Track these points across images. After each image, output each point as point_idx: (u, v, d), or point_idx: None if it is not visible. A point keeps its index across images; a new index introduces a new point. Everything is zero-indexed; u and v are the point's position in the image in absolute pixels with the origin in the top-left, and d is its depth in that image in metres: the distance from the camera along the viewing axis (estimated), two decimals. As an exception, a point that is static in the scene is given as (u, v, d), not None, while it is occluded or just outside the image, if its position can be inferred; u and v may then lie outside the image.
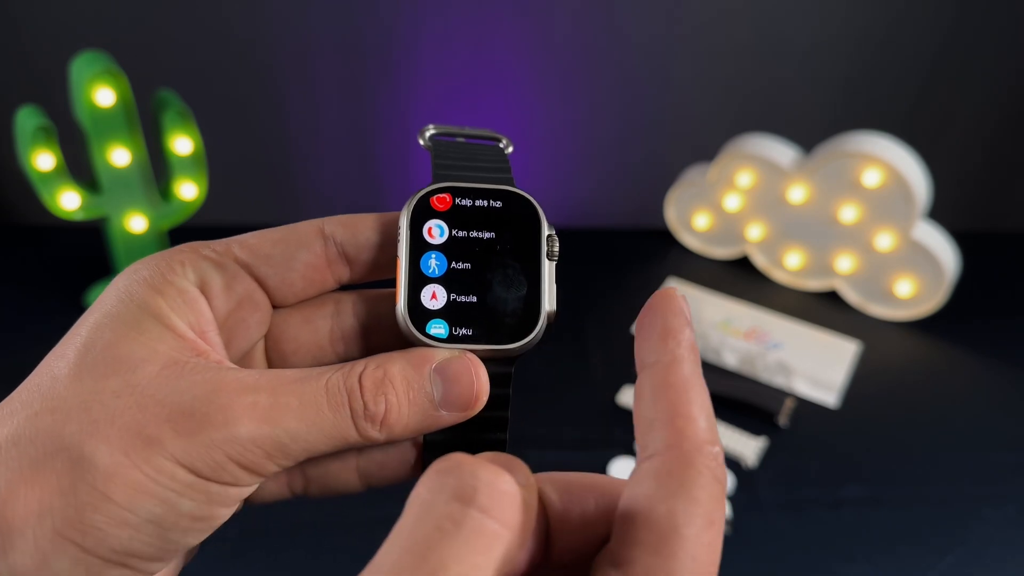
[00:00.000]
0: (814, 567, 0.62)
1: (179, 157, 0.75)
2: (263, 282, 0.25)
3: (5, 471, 0.20)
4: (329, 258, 0.25)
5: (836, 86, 0.94)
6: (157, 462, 0.20)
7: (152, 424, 0.20)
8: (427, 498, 0.17)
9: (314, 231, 0.25)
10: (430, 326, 0.23)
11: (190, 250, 0.24)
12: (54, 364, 0.22)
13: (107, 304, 0.23)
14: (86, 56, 0.71)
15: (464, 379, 0.22)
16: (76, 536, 0.20)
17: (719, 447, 0.20)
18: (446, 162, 0.26)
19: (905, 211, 0.82)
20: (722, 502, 0.19)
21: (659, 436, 0.19)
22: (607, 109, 0.96)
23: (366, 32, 0.88)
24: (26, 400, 0.21)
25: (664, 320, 0.21)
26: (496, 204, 0.25)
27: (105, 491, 0.20)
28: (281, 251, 0.25)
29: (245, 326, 0.25)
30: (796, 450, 0.71)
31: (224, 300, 0.24)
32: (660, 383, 0.20)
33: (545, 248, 0.25)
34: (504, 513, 0.17)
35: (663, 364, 0.20)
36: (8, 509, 0.19)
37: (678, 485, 0.18)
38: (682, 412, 0.19)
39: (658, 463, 0.19)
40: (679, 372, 0.20)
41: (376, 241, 0.25)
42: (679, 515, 0.18)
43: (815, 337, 0.84)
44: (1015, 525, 0.65)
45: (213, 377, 0.21)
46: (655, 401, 0.20)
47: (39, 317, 0.82)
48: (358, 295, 0.27)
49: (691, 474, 0.19)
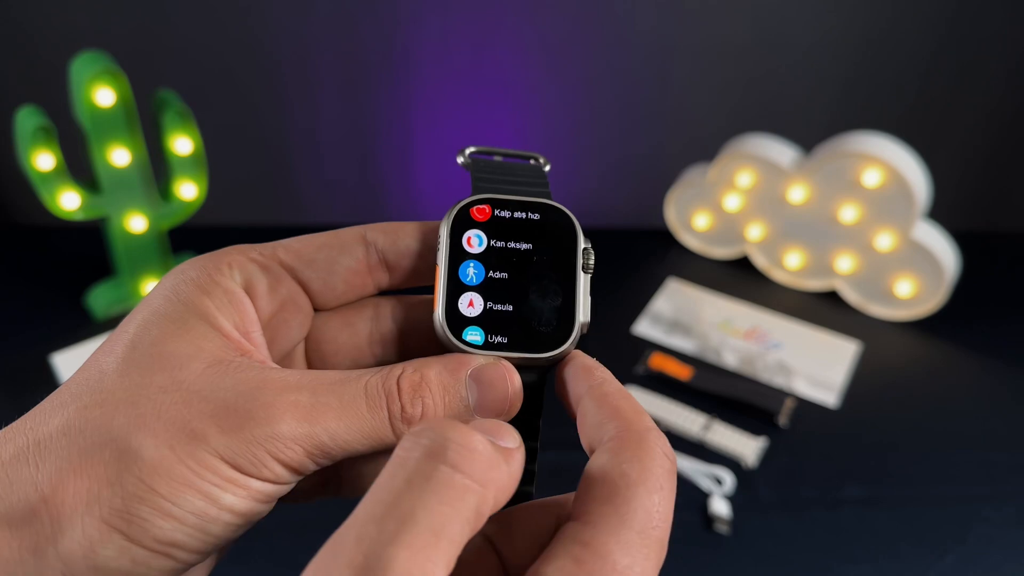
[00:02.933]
0: (814, 567, 0.62)
1: (179, 157, 0.75)
2: (306, 285, 0.26)
3: (56, 460, 0.20)
4: (370, 264, 0.26)
5: (836, 86, 0.94)
6: (201, 456, 0.21)
7: (197, 419, 0.21)
8: (402, 456, 0.18)
9: (357, 237, 0.26)
10: (467, 333, 0.24)
11: (237, 252, 0.25)
12: (103, 359, 0.22)
13: (154, 303, 0.23)
14: (86, 56, 0.71)
15: (499, 385, 0.23)
16: (122, 525, 0.20)
17: (655, 427, 0.22)
18: (485, 175, 0.27)
19: (905, 211, 0.82)
20: (672, 475, 0.21)
21: (609, 427, 0.21)
22: (607, 109, 0.96)
23: (366, 32, 0.88)
24: (76, 393, 0.22)
25: (582, 363, 0.24)
26: (534, 216, 0.25)
27: (151, 483, 0.20)
28: (324, 256, 0.26)
29: (287, 327, 0.26)
30: (796, 450, 0.71)
31: (268, 302, 0.25)
32: (598, 397, 0.22)
33: (581, 261, 0.25)
34: (474, 469, 0.18)
35: (596, 386, 0.23)
36: (58, 497, 0.20)
37: (631, 454, 0.20)
38: (625, 407, 0.22)
39: (613, 443, 0.21)
40: (612, 385, 0.23)
41: (416, 249, 0.26)
42: (632, 475, 0.20)
43: (815, 337, 0.84)
44: (1015, 525, 0.65)
45: (256, 376, 0.22)
46: (599, 411, 0.22)
47: (39, 317, 0.83)
48: (397, 300, 0.28)
49: (644, 447, 0.21)
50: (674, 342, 0.83)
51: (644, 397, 0.74)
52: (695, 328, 0.85)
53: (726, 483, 0.67)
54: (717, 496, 0.66)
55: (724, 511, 0.64)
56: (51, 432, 0.21)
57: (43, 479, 0.20)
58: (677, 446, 0.70)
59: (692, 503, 0.66)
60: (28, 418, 0.22)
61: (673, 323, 0.85)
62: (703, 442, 0.70)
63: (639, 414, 0.22)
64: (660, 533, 0.20)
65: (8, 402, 0.72)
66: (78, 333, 0.79)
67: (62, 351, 0.77)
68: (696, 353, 0.81)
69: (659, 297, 0.89)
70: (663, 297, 0.89)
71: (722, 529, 0.63)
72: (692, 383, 0.76)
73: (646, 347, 0.81)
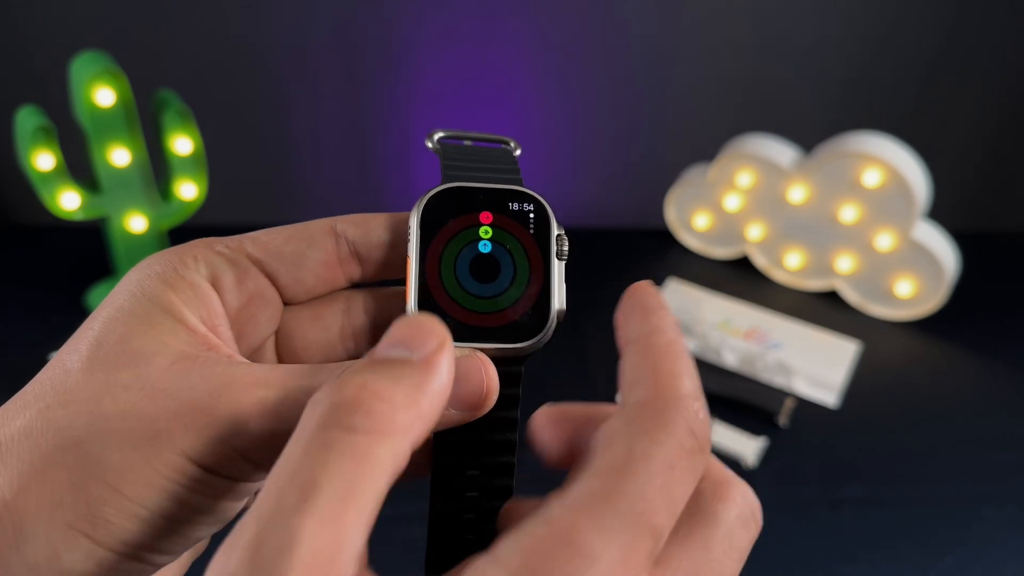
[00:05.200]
0: (814, 567, 0.62)
1: (179, 157, 0.75)
2: (275, 279, 0.25)
3: (17, 463, 0.20)
4: (341, 256, 0.26)
5: (836, 86, 0.94)
6: (167, 456, 0.20)
7: (162, 418, 0.20)
8: (300, 425, 0.18)
9: (326, 229, 0.25)
10: None
11: (203, 245, 0.24)
12: (66, 358, 0.22)
13: (119, 299, 0.23)
14: (86, 56, 0.71)
15: (474, 378, 0.22)
16: (87, 529, 0.20)
17: (700, 404, 0.19)
18: (455, 163, 0.26)
19: (905, 211, 0.82)
20: (695, 454, 0.19)
21: (640, 389, 0.19)
22: (607, 109, 0.96)
23: (366, 32, 0.88)
24: (39, 393, 0.21)
25: (643, 302, 0.22)
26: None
27: (115, 485, 0.20)
28: (293, 248, 0.25)
29: (256, 322, 0.25)
30: (796, 450, 0.71)
31: (235, 295, 0.24)
32: (643, 348, 0.20)
33: (555, 248, 0.25)
34: (377, 423, 0.17)
35: (646, 334, 0.21)
36: (20, 502, 0.19)
37: (647, 424, 0.18)
38: (664, 368, 0.19)
39: (633, 409, 0.19)
40: (662, 337, 0.20)
41: (387, 240, 0.26)
42: (636, 451, 0.18)
43: (815, 337, 0.84)
44: (1015, 525, 0.65)
45: (223, 372, 0.21)
46: (639, 366, 0.20)
47: (39, 317, 0.82)
48: (369, 293, 0.27)
49: (664, 419, 0.18)
50: (674, 342, 0.83)
51: (644, 397, 0.74)
52: (695, 328, 0.85)
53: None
54: (717, 496, 0.65)
55: (724, 511, 0.64)
56: (12, 434, 0.20)
57: (3, 484, 0.19)
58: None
59: (692, 503, 0.66)
60: None
61: (673, 323, 0.85)
62: (703, 442, 0.70)
63: (676, 377, 0.19)
64: (660, 520, 0.17)
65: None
66: (78, 333, 0.79)
67: (62, 351, 0.77)
68: (696, 353, 0.81)
69: (659, 297, 0.89)
70: (663, 297, 0.89)
71: (722, 529, 0.63)
72: (692, 383, 0.76)
73: (646, 347, 0.81)
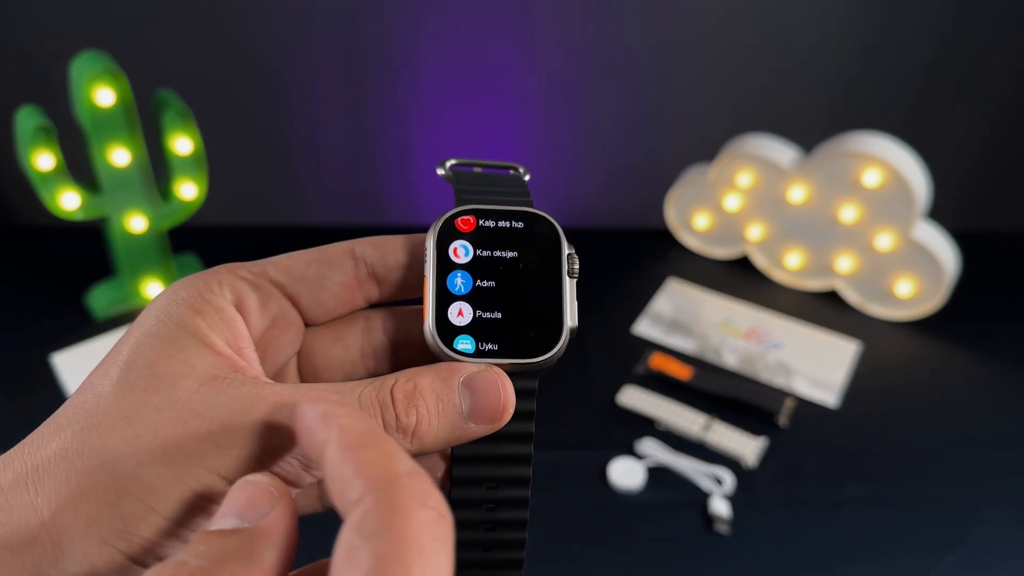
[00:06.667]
0: (814, 567, 0.62)
1: (179, 157, 0.75)
2: (296, 301, 0.26)
3: (54, 484, 0.21)
4: (360, 278, 0.26)
5: (836, 86, 0.94)
6: (198, 474, 0.21)
7: (193, 438, 0.21)
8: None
9: (345, 252, 0.26)
10: (457, 342, 0.24)
11: (227, 271, 0.25)
12: (97, 382, 0.23)
13: (147, 324, 0.23)
14: (86, 56, 0.71)
15: (491, 391, 0.23)
16: (123, 545, 0.21)
17: (411, 469, 0.18)
18: (468, 187, 0.27)
19: (905, 211, 0.82)
20: (436, 524, 0.17)
21: (354, 488, 0.17)
22: (607, 109, 0.96)
23: (366, 33, 0.88)
24: (72, 416, 0.22)
25: (316, 412, 0.20)
26: (518, 225, 0.26)
27: (149, 502, 0.21)
28: (314, 272, 0.26)
29: (279, 343, 0.26)
30: (796, 450, 0.71)
31: (260, 318, 0.25)
32: (340, 448, 0.18)
33: (566, 266, 0.26)
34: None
35: (333, 439, 0.19)
36: (58, 520, 0.20)
37: (379, 523, 0.17)
38: (368, 456, 0.18)
39: (357, 512, 0.17)
40: (350, 433, 0.19)
41: (404, 262, 0.26)
42: (383, 551, 0.16)
43: (815, 337, 0.84)
44: (1015, 525, 0.65)
45: (250, 392, 0.22)
46: (341, 466, 0.18)
47: (39, 317, 0.83)
48: (387, 312, 0.28)
49: (392, 507, 0.17)
50: (674, 342, 0.83)
51: (644, 397, 0.74)
52: (695, 328, 0.85)
53: (726, 483, 0.67)
54: (717, 496, 0.66)
55: (724, 511, 0.64)
56: (49, 456, 0.21)
57: (42, 503, 0.20)
58: (677, 446, 0.70)
59: (692, 503, 0.66)
60: (26, 443, 0.22)
61: (673, 323, 0.85)
62: (703, 442, 0.70)
63: (386, 459, 0.18)
64: None
65: (8, 402, 0.72)
66: (78, 333, 0.79)
67: (62, 351, 0.77)
68: (696, 353, 0.81)
69: (659, 297, 0.89)
70: (663, 297, 0.89)
71: (722, 529, 0.63)
72: (692, 383, 0.76)
73: (646, 347, 0.81)
